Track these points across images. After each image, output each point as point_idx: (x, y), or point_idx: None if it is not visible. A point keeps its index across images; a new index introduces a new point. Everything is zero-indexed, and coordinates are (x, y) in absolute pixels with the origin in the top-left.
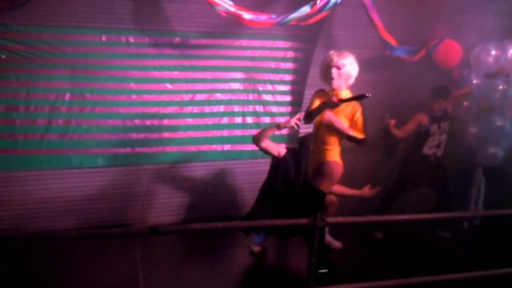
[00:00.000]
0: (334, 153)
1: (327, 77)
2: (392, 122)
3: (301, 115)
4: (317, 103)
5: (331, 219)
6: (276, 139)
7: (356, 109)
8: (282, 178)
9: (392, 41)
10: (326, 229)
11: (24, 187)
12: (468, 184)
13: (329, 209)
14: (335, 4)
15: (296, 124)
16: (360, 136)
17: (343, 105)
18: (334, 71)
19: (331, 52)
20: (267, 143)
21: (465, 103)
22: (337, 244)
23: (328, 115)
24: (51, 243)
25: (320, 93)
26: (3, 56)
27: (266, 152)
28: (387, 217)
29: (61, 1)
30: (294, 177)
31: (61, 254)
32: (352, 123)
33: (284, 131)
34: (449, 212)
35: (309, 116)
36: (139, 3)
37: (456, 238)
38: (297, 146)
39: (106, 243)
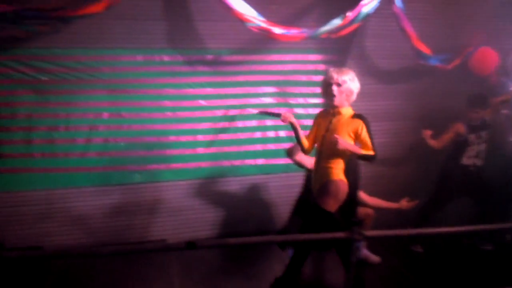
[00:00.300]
0: (338, 172)
1: (328, 94)
2: (428, 133)
3: None
4: (314, 124)
5: (369, 233)
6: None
7: (360, 127)
8: None
9: (425, 50)
10: (363, 243)
11: (65, 204)
12: (510, 194)
13: (365, 223)
14: (367, 15)
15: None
16: (370, 153)
17: (344, 123)
18: (334, 88)
19: (331, 69)
20: (301, 157)
21: (503, 111)
22: (375, 258)
23: (341, 142)
24: (90, 259)
25: (321, 114)
26: (44, 78)
27: (300, 165)
28: (427, 230)
29: (98, 24)
30: None
31: (100, 269)
32: (360, 141)
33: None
34: (490, 223)
35: (300, 145)
36: (172, 23)
37: (499, 251)
38: None
39: (143, 258)
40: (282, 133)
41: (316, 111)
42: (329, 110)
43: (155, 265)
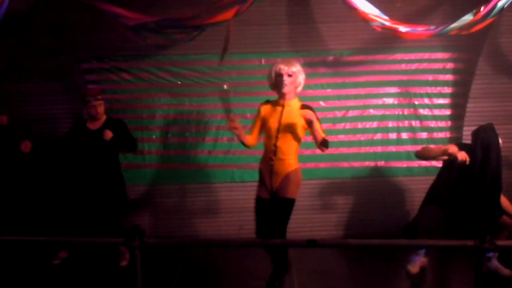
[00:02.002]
0: (296, 161)
1: (278, 85)
2: None
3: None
4: (258, 119)
5: (501, 242)
6: None
7: (309, 115)
8: (456, 175)
9: None
10: (495, 254)
11: (193, 198)
12: None
13: (503, 232)
14: (501, 10)
15: (463, 160)
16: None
17: (297, 114)
18: (286, 78)
19: (279, 60)
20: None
21: None
22: (507, 271)
23: (317, 132)
24: (213, 250)
25: (266, 108)
26: (179, 82)
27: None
28: None
29: (226, 31)
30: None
31: (222, 260)
32: (315, 128)
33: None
34: None
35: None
36: (295, 26)
37: None
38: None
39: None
40: (404, 135)
41: (443, 112)
42: (275, 103)
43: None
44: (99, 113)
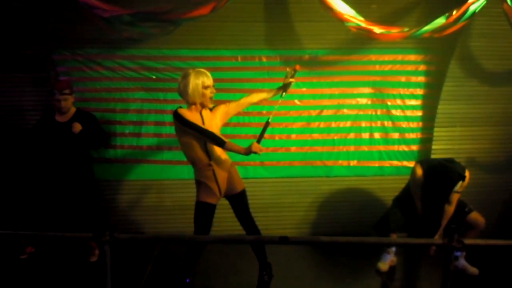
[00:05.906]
0: (227, 155)
1: (207, 96)
2: None
3: None
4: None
5: (469, 241)
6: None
7: (223, 105)
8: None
9: None
10: (463, 253)
11: (168, 194)
12: None
13: (472, 231)
14: (473, 14)
15: None
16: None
17: (214, 117)
18: (212, 91)
19: (203, 71)
20: None
21: None
22: (473, 270)
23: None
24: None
25: (188, 114)
26: (154, 77)
27: None
28: None
29: (204, 26)
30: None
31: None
32: (231, 107)
33: (415, 148)
34: None
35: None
36: (272, 24)
37: None
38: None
39: (236, 250)
40: (376, 135)
41: (414, 113)
42: (192, 109)
43: (246, 256)
44: (63, 107)
